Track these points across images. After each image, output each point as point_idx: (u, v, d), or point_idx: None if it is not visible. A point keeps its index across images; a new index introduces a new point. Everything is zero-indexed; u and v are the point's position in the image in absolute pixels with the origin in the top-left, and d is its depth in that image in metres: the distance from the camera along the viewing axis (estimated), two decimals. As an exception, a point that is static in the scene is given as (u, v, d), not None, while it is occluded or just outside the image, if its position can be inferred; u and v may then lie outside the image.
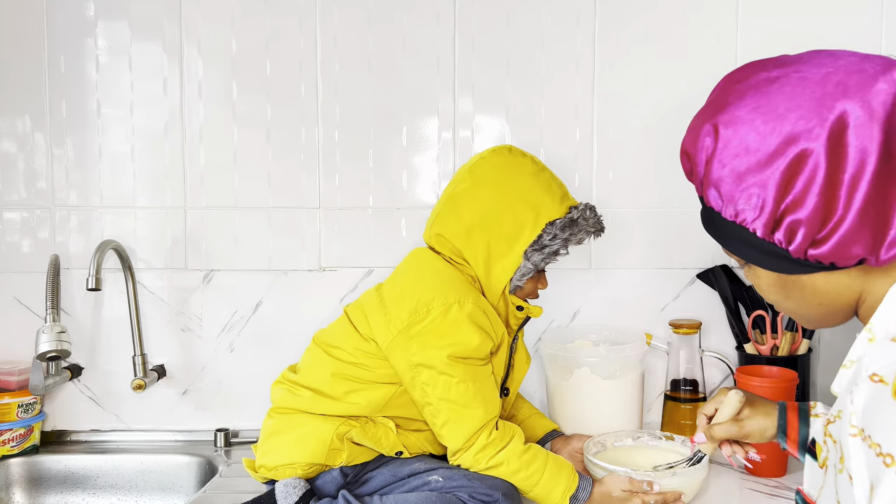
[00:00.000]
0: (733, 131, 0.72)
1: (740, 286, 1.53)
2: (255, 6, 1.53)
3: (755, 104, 0.71)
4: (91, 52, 1.55)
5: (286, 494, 1.13)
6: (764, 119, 0.70)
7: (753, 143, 0.70)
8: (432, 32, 1.54)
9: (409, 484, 1.17)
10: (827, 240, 0.69)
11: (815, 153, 0.67)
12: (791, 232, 0.71)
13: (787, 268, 0.75)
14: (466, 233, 1.19)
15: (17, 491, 1.50)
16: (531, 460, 1.15)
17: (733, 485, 1.28)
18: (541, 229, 1.17)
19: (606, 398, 1.39)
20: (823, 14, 1.54)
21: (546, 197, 1.19)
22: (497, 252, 1.18)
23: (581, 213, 1.20)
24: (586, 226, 1.21)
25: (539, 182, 1.20)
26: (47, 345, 1.34)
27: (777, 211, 0.70)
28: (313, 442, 1.16)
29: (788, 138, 0.68)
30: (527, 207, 1.18)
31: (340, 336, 1.23)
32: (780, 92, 0.70)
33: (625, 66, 1.55)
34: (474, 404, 1.14)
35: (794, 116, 0.68)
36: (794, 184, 0.69)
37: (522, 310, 1.23)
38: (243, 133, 1.55)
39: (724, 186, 0.73)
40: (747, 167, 0.71)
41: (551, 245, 1.18)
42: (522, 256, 1.18)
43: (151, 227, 1.57)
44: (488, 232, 1.18)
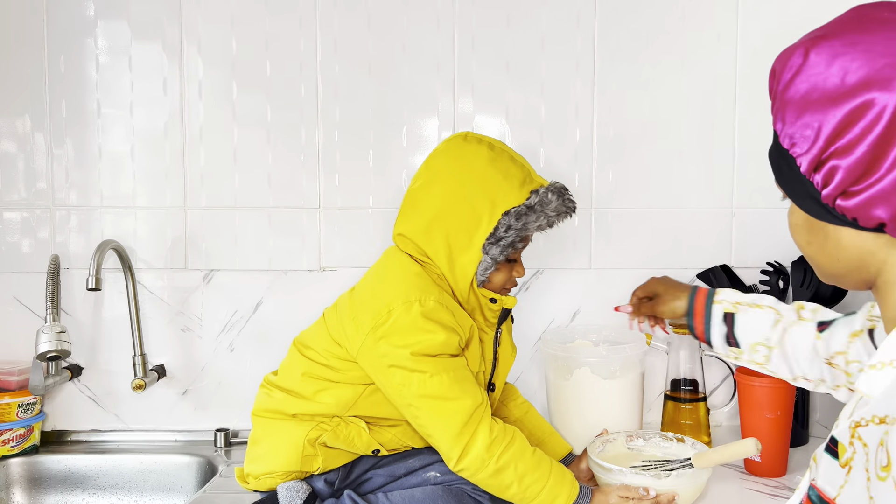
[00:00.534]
0: (821, 58, 0.70)
1: (740, 286, 1.53)
2: (255, 7, 1.53)
3: (853, 40, 0.69)
4: (91, 52, 1.55)
5: (290, 499, 1.13)
6: (853, 56, 0.68)
7: (832, 76, 0.69)
8: (432, 33, 1.54)
9: (407, 482, 1.17)
10: (858, 194, 0.68)
11: (884, 105, 0.65)
12: (829, 176, 0.69)
13: (816, 211, 0.73)
14: (425, 229, 1.15)
15: (17, 491, 1.50)
16: (539, 463, 1.11)
17: (733, 485, 1.28)
18: (496, 220, 1.12)
19: (606, 398, 1.39)
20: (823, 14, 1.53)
21: (504, 184, 1.13)
22: (457, 246, 1.13)
23: (541, 198, 1.13)
24: (545, 211, 1.14)
25: (495, 168, 1.14)
26: (47, 345, 1.35)
27: (825, 151, 0.69)
28: (285, 449, 1.14)
29: (865, 82, 0.66)
30: (483, 197, 1.12)
31: (314, 337, 1.21)
32: (880, 34, 0.68)
33: (625, 66, 1.55)
34: (454, 394, 1.08)
35: (882, 63, 0.66)
36: (850, 129, 0.67)
37: (496, 302, 1.18)
38: (243, 133, 1.55)
39: (791, 110, 0.72)
40: (817, 98, 0.69)
41: (507, 236, 1.12)
42: (481, 250, 1.13)
43: (151, 227, 1.57)
44: (446, 226, 1.13)
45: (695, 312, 1.19)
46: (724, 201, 1.57)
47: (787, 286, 1.51)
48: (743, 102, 1.56)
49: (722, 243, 1.58)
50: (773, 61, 0.77)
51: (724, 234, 1.58)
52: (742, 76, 1.55)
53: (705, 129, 1.56)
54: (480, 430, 1.09)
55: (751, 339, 1.13)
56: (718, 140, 1.57)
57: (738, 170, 1.57)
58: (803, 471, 1.32)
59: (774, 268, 1.52)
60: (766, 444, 1.29)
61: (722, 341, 1.16)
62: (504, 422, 1.15)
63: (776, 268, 1.52)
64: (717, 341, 1.17)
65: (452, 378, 1.09)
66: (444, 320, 1.11)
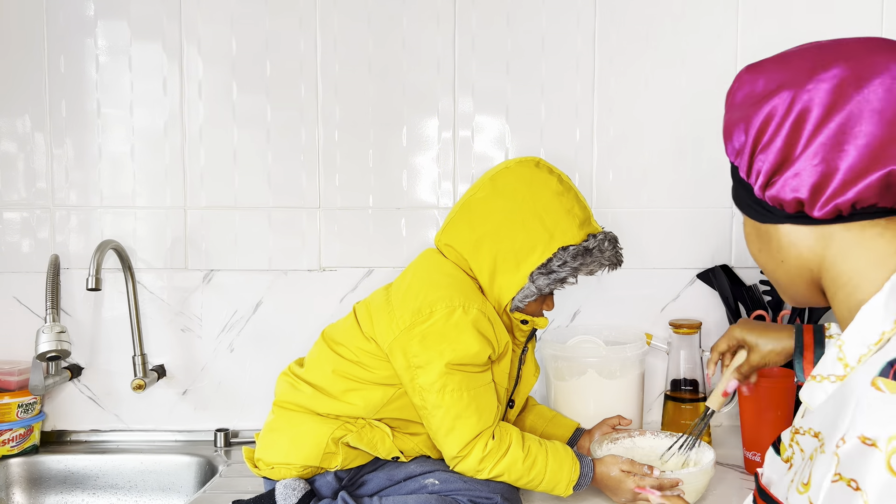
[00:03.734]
0: (749, 77, 0.78)
1: (740, 286, 1.53)
2: (255, 7, 1.53)
3: (776, 60, 0.76)
4: (91, 52, 1.55)
5: (286, 496, 1.13)
6: (776, 68, 0.75)
7: (758, 86, 0.76)
8: (432, 33, 1.54)
9: (406, 487, 1.17)
10: (778, 180, 0.74)
11: (792, 97, 0.72)
12: (758, 172, 0.75)
13: (756, 213, 0.79)
14: (476, 242, 1.16)
15: (17, 491, 1.50)
16: (532, 466, 1.14)
17: (734, 485, 1.28)
18: (552, 252, 1.13)
19: (607, 398, 1.39)
20: (823, 14, 1.54)
21: (565, 219, 1.14)
22: (503, 267, 1.14)
23: (598, 244, 1.15)
24: (601, 258, 1.16)
25: (560, 202, 1.15)
26: (47, 345, 1.35)
27: (754, 152, 0.75)
28: (309, 444, 1.15)
29: (780, 84, 0.73)
30: (542, 227, 1.13)
31: (345, 333, 1.22)
32: (799, 52, 0.75)
33: (625, 66, 1.55)
34: (467, 413, 1.12)
35: (794, 69, 0.73)
36: (769, 125, 0.73)
37: (527, 322, 1.19)
38: (243, 133, 1.55)
39: (728, 124, 0.79)
40: (745, 107, 0.76)
41: (559, 272, 1.13)
42: (528, 278, 1.14)
43: (151, 227, 1.57)
44: (497, 244, 1.14)
45: (804, 347, 1.10)
46: (725, 201, 1.57)
47: (787, 286, 1.51)
48: (743, 102, 1.55)
49: (722, 243, 1.58)
50: None
51: (724, 234, 1.58)
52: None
53: (705, 128, 1.56)
54: (476, 447, 1.13)
55: None
56: (718, 140, 1.57)
57: (738, 170, 1.57)
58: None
59: (774, 268, 1.52)
60: (766, 444, 1.29)
61: None
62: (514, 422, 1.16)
63: (776, 268, 1.52)
64: None
65: (471, 396, 1.12)
66: (483, 330, 1.12)
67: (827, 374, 0.74)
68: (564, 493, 1.15)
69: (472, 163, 1.56)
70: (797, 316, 1.47)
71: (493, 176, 1.19)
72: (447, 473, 1.16)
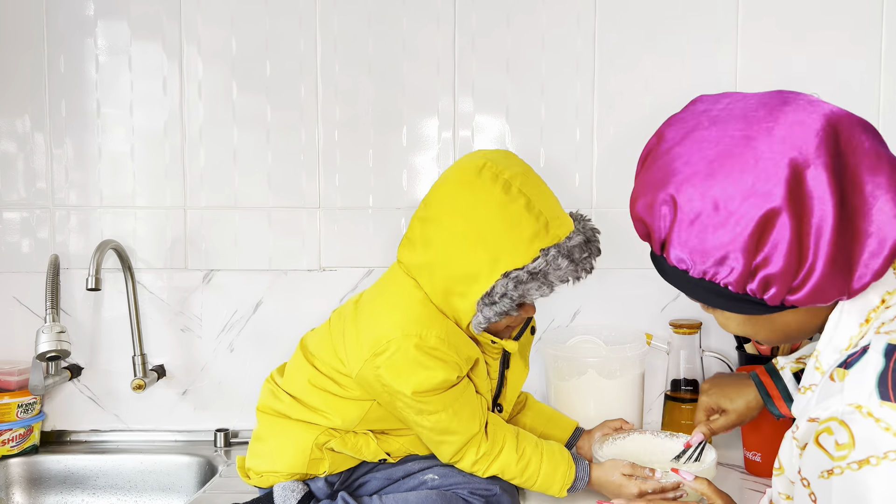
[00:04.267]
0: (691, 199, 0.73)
1: (740, 286, 1.53)
2: (255, 7, 1.53)
3: (708, 171, 0.73)
4: (91, 52, 1.55)
5: (285, 498, 1.12)
6: (722, 186, 0.72)
7: (714, 210, 0.72)
8: (432, 33, 1.54)
9: (405, 484, 1.17)
10: (802, 287, 0.72)
11: (779, 213, 0.69)
12: (765, 285, 0.73)
13: (759, 311, 0.77)
14: (424, 267, 1.08)
15: (16, 491, 1.50)
16: (525, 467, 1.13)
17: (733, 485, 1.28)
18: (494, 280, 1.01)
19: (607, 398, 1.39)
20: (823, 13, 1.54)
21: (509, 237, 1.01)
22: (455, 292, 1.05)
23: (548, 263, 1.01)
24: (549, 279, 1.02)
25: (503, 217, 1.01)
26: (47, 345, 1.34)
27: (749, 269, 0.72)
28: (292, 451, 1.14)
29: (749, 202, 0.70)
30: (483, 250, 1.01)
31: (319, 345, 1.18)
32: (727, 155, 0.72)
33: (625, 66, 1.55)
34: (452, 428, 1.09)
35: (750, 179, 0.70)
36: (763, 243, 0.71)
37: (496, 343, 1.12)
38: (243, 133, 1.55)
39: (691, 252, 0.74)
40: (714, 232, 0.72)
41: (500, 303, 1.01)
42: (475, 307, 1.04)
43: (151, 227, 1.57)
44: (444, 270, 1.05)
45: (768, 389, 1.13)
46: (724, 201, 1.57)
47: (787, 286, 1.51)
48: (743, 102, 1.55)
49: (722, 243, 1.58)
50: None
51: (724, 234, 1.58)
52: (742, 76, 1.55)
53: (705, 129, 1.56)
54: (469, 452, 1.12)
55: None
56: (718, 140, 1.57)
57: (738, 170, 1.57)
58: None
59: (774, 268, 1.52)
60: (766, 444, 1.29)
61: None
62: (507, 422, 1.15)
63: (776, 268, 1.52)
64: None
65: (450, 414, 1.09)
66: (443, 356, 1.06)
67: (808, 384, 0.77)
68: (558, 494, 1.15)
69: (472, 163, 1.56)
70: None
71: (436, 189, 1.10)
72: (445, 468, 1.16)
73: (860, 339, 0.72)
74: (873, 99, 1.55)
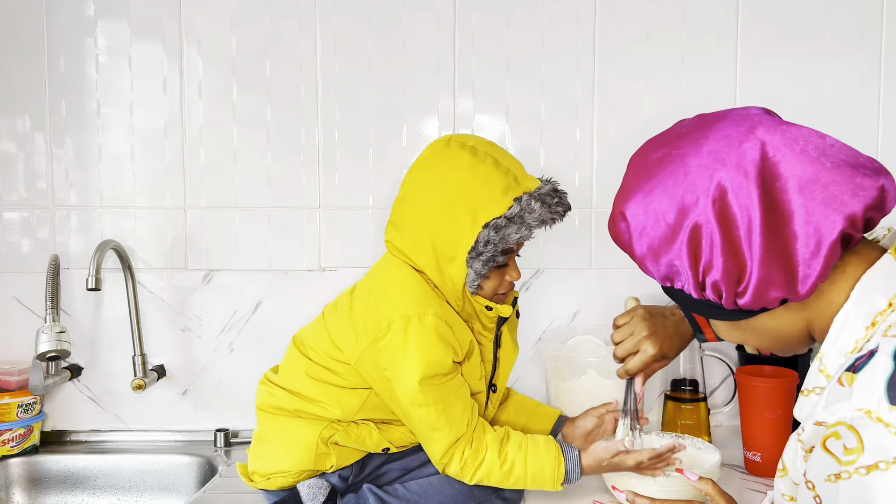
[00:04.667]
0: (636, 214, 0.80)
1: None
2: (255, 7, 1.53)
3: (648, 187, 0.79)
4: (91, 52, 1.55)
5: (312, 496, 1.13)
6: (658, 200, 0.78)
7: (655, 223, 0.78)
8: (432, 32, 1.54)
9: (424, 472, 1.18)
10: (746, 291, 0.76)
11: (707, 222, 0.75)
12: (716, 290, 0.78)
13: (731, 316, 0.81)
14: (412, 242, 1.13)
15: (16, 491, 1.50)
16: (510, 471, 1.12)
17: (733, 485, 1.28)
18: (477, 233, 1.08)
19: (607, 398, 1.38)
20: (823, 13, 1.54)
21: (484, 192, 1.08)
22: (444, 258, 1.11)
23: (522, 207, 1.08)
24: (528, 221, 1.09)
25: (476, 176, 1.09)
26: (47, 345, 1.35)
27: (697, 276, 0.78)
28: (300, 448, 1.14)
29: (680, 214, 0.76)
30: (464, 209, 1.08)
31: (315, 336, 1.20)
32: (664, 171, 0.78)
33: (625, 66, 1.55)
34: (439, 425, 1.10)
35: (680, 192, 0.76)
36: (700, 252, 0.76)
37: (491, 310, 1.16)
38: (243, 133, 1.55)
39: (648, 262, 0.81)
40: (659, 244, 0.79)
41: (486, 251, 1.08)
42: (465, 264, 1.09)
43: (151, 227, 1.57)
44: (433, 239, 1.11)
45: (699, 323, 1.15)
46: (724, 201, 1.57)
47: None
48: (742, 102, 1.56)
49: (722, 243, 1.58)
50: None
51: (724, 234, 1.58)
52: (742, 76, 1.55)
53: (705, 129, 1.56)
54: (455, 456, 1.12)
55: None
56: (718, 140, 1.57)
57: (738, 170, 1.57)
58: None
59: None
60: (767, 444, 1.29)
61: None
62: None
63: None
64: None
65: (439, 410, 1.09)
66: (443, 334, 1.09)
67: (812, 387, 0.77)
68: (553, 489, 1.14)
69: (472, 163, 1.56)
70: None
71: (410, 170, 1.17)
72: None
73: (866, 342, 0.72)
74: (873, 99, 1.55)
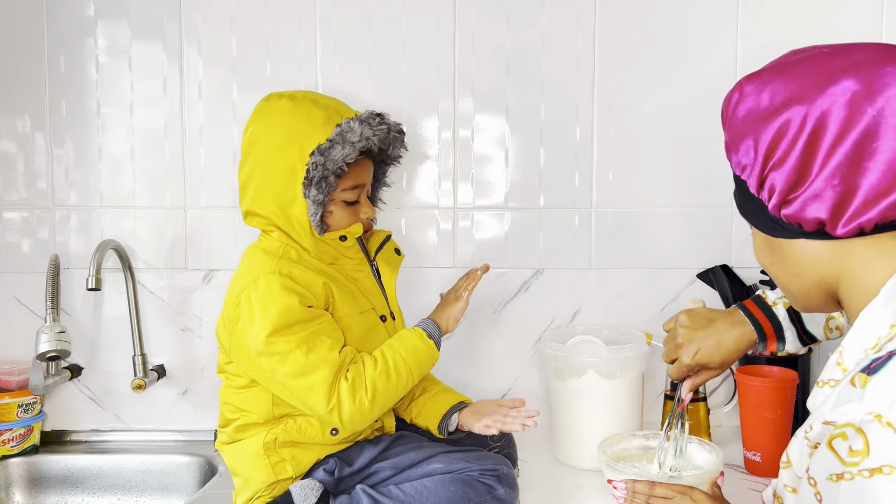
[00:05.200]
0: (752, 87, 0.78)
1: (740, 286, 1.53)
2: (255, 6, 1.53)
3: (780, 70, 0.77)
4: (91, 52, 1.55)
5: (304, 497, 1.13)
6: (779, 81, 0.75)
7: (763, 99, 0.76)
8: (432, 33, 1.54)
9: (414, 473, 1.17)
10: (796, 199, 0.74)
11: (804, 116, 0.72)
12: (771, 189, 0.76)
13: (770, 228, 0.80)
14: (255, 198, 1.17)
15: (16, 491, 1.50)
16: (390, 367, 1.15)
17: (733, 485, 1.28)
18: (306, 162, 1.12)
19: (607, 398, 1.38)
20: (823, 13, 1.54)
21: (306, 126, 1.13)
22: (285, 201, 1.14)
23: (342, 129, 1.13)
24: (353, 137, 1.12)
25: (296, 115, 1.15)
26: (47, 345, 1.35)
27: (765, 167, 0.76)
28: (254, 463, 1.15)
29: (787, 99, 0.74)
30: (291, 146, 1.13)
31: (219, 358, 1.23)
32: (803, 62, 0.76)
33: (625, 66, 1.55)
34: (311, 367, 1.09)
35: (801, 82, 0.74)
36: (780, 143, 0.74)
37: (346, 239, 1.18)
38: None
39: (735, 138, 0.79)
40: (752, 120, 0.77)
41: (316, 173, 1.12)
42: (303, 197, 1.13)
43: (151, 227, 1.57)
44: (271, 187, 1.15)
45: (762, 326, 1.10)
46: (724, 201, 1.57)
47: (787, 286, 1.51)
48: (743, 102, 1.56)
49: (722, 243, 1.58)
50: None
51: (724, 234, 1.58)
52: (742, 76, 1.55)
53: (705, 128, 1.56)
54: (341, 387, 1.11)
55: (820, 320, 1.10)
56: (718, 140, 1.56)
57: (738, 170, 1.57)
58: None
59: (774, 268, 1.52)
60: (766, 444, 1.29)
61: (797, 344, 1.12)
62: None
63: (776, 268, 1.52)
64: (791, 347, 1.12)
65: (305, 351, 1.10)
66: (286, 285, 1.11)
67: (827, 378, 0.76)
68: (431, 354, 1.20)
69: (472, 163, 1.56)
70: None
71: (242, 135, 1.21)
72: (448, 455, 1.17)
73: (888, 341, 0.71)
74: (873, 99, 1.55)
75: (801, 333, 1.11)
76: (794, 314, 1.11)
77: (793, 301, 0.85)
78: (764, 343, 1.11)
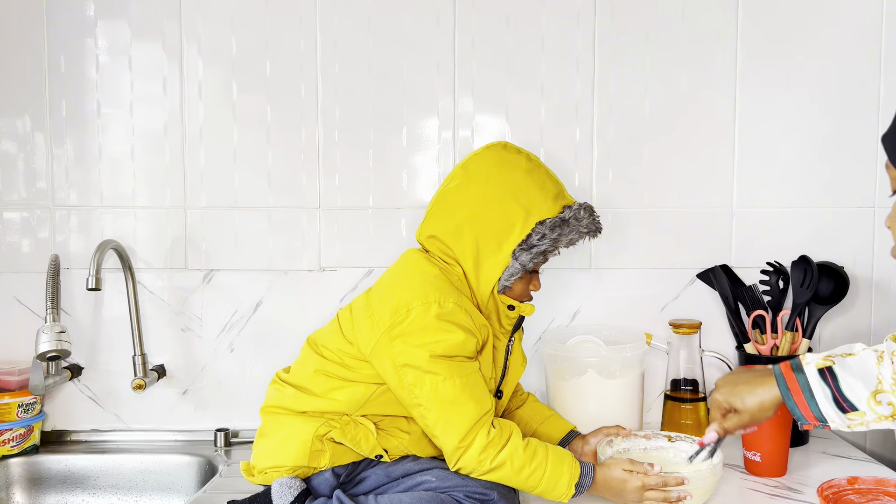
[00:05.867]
0: None
1: (740, 286, 1.53)
2: (255, 6, 1.53)
3: None
4: (91, 52, 1.55)
5: (282, 494, 1.13)
6: None
7: None
8: (432, 32, 1.54)
9: (403, 484, 1.17)
10: None
11: None
12: None
13: None
14: (456, 230, 1.18)
15: (17, 491, 1.50)
16: (533, 455, 1.12)
17: (733, 485, 1.28)
18: (530, 228, 1.16)
19: (607, 398, 1.39)
20: (823, 13, 1.54)
21: (538, 195, 1.17)
22: (486, 250, 1.17)
23: (574, 214, 1.18)
24: (578, 226, 1.19)
25: (532, 179, 1.18)
26: (47, 345, 1.35)
27: None
28: (295, 444, 1.15)
29: None
30: (517, 205, 1.16)
31: (328, 336, 1.23)
32: None
33: (625, 66, 1.55)
34: (463, 400, 1.11)
35: None
36: None
37: (514, 309, 1.21)
38: (243, 133, 1.55)
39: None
40: None
41: (539, 245, 1.16)
42: (511, 256, 1.16)
43: (151, 226, 1.57)
44: (477, 228, 1.17)
45: (788, 384, 1.06)
46: (724, 201, 1.57)
47: (787, 286, 1.51)
48: (742, 102, 1.56)
49: (722, 243, 1.58)
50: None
51: (724, 234, 1.58)
52: (742, 76, 1.55)
53: (705, 128, 1.56)
54: (479, 436, 1.11)
55: (862, 390, 1.01)
56: (718, 140, 1.57)
57: (737, 169, 1.57)
58: (803, 471, 1.32)
59: (774, 268, 1.52)
60: (767, 444, 1.29)
61: (833, 408, 1.03)
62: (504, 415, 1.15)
63: (776, 268, 1.52)
64: (828, 410, 1.03)
65: (464, 383, 1.11)
66: (462, 322, 1.13)
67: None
68: (566, 492, 1.12)
69: (472, 163, 1.56)
70: (797, 315, 1.47)
71: (464, 164, 1.23)
72: (444, 471, 1.16)
73: None
74: (873, 99, 1.55)
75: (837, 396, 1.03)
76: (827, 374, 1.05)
77: None
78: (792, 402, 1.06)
